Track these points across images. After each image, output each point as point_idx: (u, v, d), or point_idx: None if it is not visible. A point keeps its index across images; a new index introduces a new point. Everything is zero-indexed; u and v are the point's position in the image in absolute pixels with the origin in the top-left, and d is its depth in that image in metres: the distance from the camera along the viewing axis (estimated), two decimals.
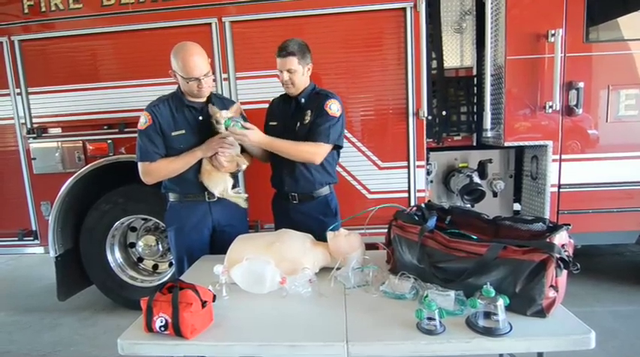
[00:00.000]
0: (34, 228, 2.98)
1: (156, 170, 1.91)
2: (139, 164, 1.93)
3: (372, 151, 2.73)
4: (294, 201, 2.06)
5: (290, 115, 2.04)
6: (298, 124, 1.99)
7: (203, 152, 1.90)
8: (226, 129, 1.80)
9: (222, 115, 1.84)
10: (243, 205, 2.04)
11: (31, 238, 2.99)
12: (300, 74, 1.95)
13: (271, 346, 1.17)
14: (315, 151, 1.92)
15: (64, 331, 2.92)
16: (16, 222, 2.98)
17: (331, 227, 1.70)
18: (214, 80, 2.33)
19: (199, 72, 1.83)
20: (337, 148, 2.05)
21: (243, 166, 2.01)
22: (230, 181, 1.99)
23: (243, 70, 2.70)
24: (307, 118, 1.98)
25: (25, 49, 2.81)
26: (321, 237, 1.70)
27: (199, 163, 1.94)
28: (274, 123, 2.08)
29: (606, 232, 2.79)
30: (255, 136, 1.86)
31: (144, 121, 1.89)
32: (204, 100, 1.98)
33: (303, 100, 2.01)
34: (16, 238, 2.99)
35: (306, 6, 2.59)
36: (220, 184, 1.96)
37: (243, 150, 2.01)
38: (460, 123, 3.02)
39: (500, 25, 2.65)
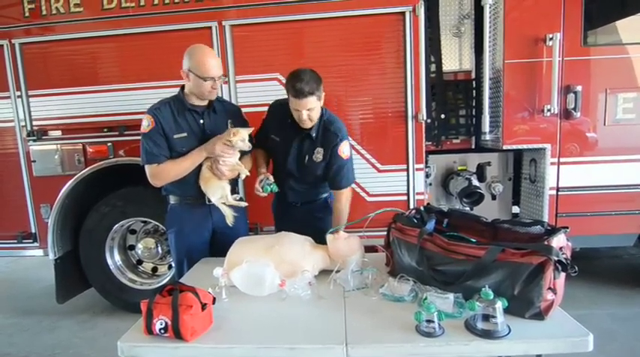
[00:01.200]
0: (33, 230, 2.97)
1: (164, 172, 1.91)
2: (147, 167, 1.93)
3: (372, 154, 2.74)
4: (296, 204, 2.10)
5: (298, 144, 2.00)
6: (307, 157, 1.99)
7: (208, 151, 1.90)
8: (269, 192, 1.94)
9: (241, 134, 1.86)
10: (230, 220, 1.98)
11: (31, 241, 2.99)
12: (318, 109, 1.88)
13: (271, 348, 1.17)
14: (349, 199, 2.06)
15: (63, 333, 2.91)
16: (15, 224, 2.97)
17: (331, 230, 1.71)
18: (226, 82, 2.36)
19: (216, 72, 1.87)
20: None
21: (243, 175, 2.01)
22: (228, 188, 1.98)
23: (243, 74, 2.71)
24: (319, 157, 1.98)
25: (25, 52, 2.81)
26: (323, 238, 1.70)
27: (199, 167, 1.95)
28: (277, 138, 2.04)
29: (604, 234, 2.79)
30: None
31: (147, 124, 1.89)
32: (206, 103, 1.99)
33: (314, 134, 1.96)
34: (16, 241, 2.98)
35: (306, 10, 2.60)
36: (218, 192, 1.95)
37: (243, 155, 2.02)
38: (459, 126, 3.04)
39: (498, 29, 2.67)
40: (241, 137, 1.86)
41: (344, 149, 1.97)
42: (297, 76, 1.79)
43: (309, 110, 1.84)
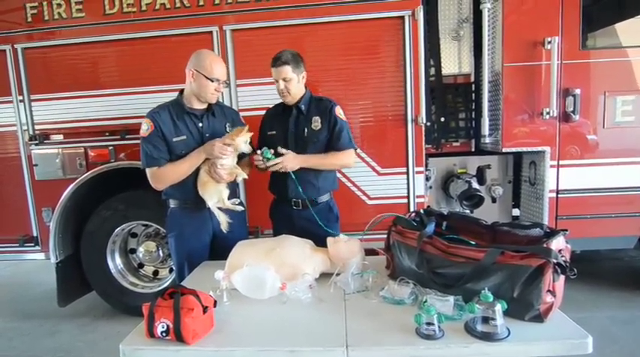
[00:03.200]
0: (35, 234, 2.98)
1: (164, 175, 1.93)
2: (147, 171, 1.94)
3: (372, 158, 2.75)
4: (297, 207, 2.08)
5: (293, 123, 2.07)
6: (306, 129, 2.04)
7: (207, 152, 1.91)
8: (267, 160, 1.91)
9: (244, 135, 1.89)
10: (224, 226, 1.99)
11: (32, 244, 3.00)
12: (295, 82, 2.00)
13: (272, 351, 1.17)
14: (349, 158, 2.11)
15: (64, 337, 2.91)
16: (17, 228, 2.98)
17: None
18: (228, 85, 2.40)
19: (222, 75, 1.93)
20: None
21: (240, 178, 2.03)
22: (225, 192, 1.98)
23: (244, 78, 2.73)
24: (317, 125, 2.04)
25: (28, 56, 2.83)
26: (323, 242, 1.71)
27: (198, 171, 1.96)
28: (273, 132, 2.11)
29: (605, 237, 2.80)
30: (292, 160, 1.93)
31: (146, 127, 1.91)
32: (205, 107, 2.01)
33: (303, 107, 2.06)
34: (17, 244, 2.99)
35: (306, 14, 2.62)
36: (214, 196, 1.96)
37: (240, 159, 2.03)
38: (459, 129, 3.05)
39: (497, 32, 2.69)
40: (245, 139, 1.90)
41: (340, 111, 2.07)
42: (277, 53, 2.01)
43: (285, 80, 1.98)
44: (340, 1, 2.61)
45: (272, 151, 1.94)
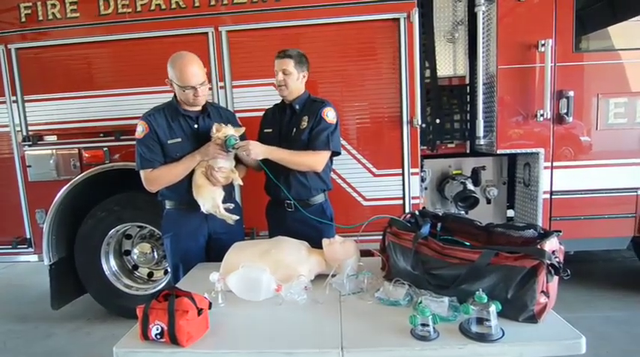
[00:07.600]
0: (28, 236, 2.96)
1: (158, 177, 1.93)
2: (141, 172, 1.94)
3: (367, 159, 2.76)
4: (290, 208, 2.07)
5: (286, 122, 2.08)
6: (295, 129, 2.04)
7: (202, 155, 1.91)
8: (231, 148, 1.84)
9: (224, 131, 1.85)
10: (230, 221, 1.98)
11: (25, 246, 2.97)
12: (294, 78, 2.00)
13: (267, 353, 1.17)
14: (316, 160, 2.00)
15: (58, 340, 2.89)
16: (10, 230, 2.96)
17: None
18: (210, 89, 2.35)
19: (196, 81, 1.87)
20: (334, 154, 2.09)
21: (235, 183, 2.01)
22: (220, 197, 1.96)
23: (240, 79, 2.72)
24: (304, 124, 2.02)
25: (21, 57, 2.82)
26: (316, 244, 1.71)
27: (193, 173, 1.95)
28: (269, 130, 2.12)
29: (598, 238, 2.82)
30: (257, 148, 1.89)
31: (141, 129, 1.91)
32: (199, 108, 2.01)
33: (297, 107, 2.06)
34: (10, 246, 2.97)
35: (302, 16, 2.63)
36: (208, 201, 1.94)
37: (238, 162, 2.02)
38: (454, 131, 3.07)
39: (491, 35, 2.71)
40: (224, 134, 1.85)
41: (328, 113, 2.01)
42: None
43: (285, 73, 1.98)
44: (336, 3, 2.62)
45: (237, 140, 1.86)
